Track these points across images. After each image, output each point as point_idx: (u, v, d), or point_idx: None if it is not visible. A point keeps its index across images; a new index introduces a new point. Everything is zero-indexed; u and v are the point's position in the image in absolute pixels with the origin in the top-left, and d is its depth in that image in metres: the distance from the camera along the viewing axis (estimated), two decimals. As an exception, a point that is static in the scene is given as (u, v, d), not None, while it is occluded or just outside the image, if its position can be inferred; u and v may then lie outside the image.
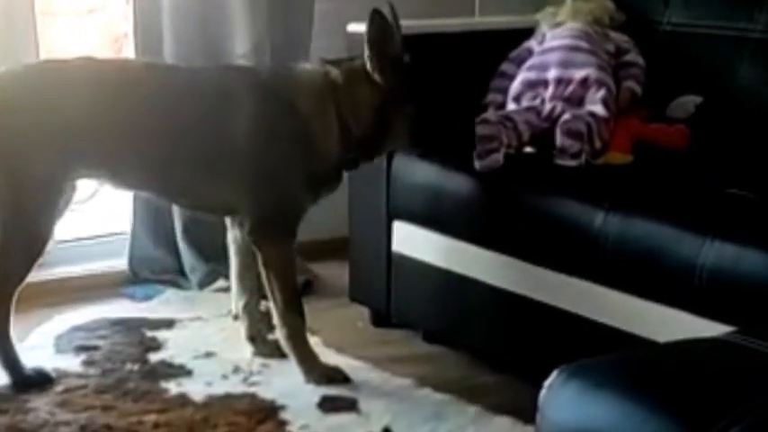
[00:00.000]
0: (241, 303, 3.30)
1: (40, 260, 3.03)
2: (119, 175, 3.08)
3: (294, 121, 3.01)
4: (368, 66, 3.01)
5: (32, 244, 2.99)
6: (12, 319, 3.02)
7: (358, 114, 3.05)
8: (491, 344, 3.19)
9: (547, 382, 1.76)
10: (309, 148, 3.03)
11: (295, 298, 3.11)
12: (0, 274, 2.99)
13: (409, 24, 3.17)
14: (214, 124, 2.99)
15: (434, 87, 3.07)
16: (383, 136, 3.09)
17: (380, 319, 3.61)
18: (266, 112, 3.00)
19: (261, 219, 3.05)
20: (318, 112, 3.03)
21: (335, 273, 3.90)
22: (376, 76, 3.01)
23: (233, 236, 3.27)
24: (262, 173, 3.01)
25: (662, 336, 2.52)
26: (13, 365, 3.05)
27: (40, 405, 2.94)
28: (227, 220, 3.26)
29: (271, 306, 3.12)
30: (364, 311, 3.67)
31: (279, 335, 3.15)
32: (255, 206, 3.04)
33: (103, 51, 4.55)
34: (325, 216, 3.23)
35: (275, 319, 3.13)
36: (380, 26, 2.97)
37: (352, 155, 3.10)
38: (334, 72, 3.06)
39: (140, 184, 3.16)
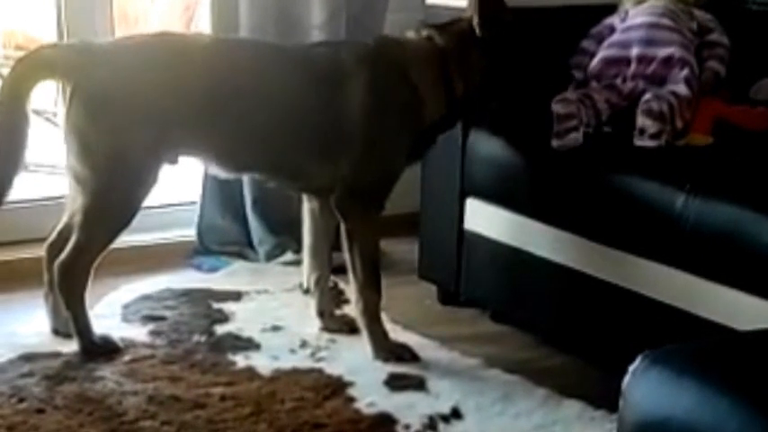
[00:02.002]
0: (313, 278, 3.29)
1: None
2: (224, 156, 3.04)
3: (406, 91, 3.02)
4: (476, 28, 3.02)
5: (122, 214, 2.98)
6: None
7: (468, 77, 3.05)
8: (561, 325, 3.15)
9: (631, 368, 1.74)
10: (417, 116, 3.03)
11: (375, 273, 3.09)
12: (84, 239, 2.97)
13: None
14: (331, 102, 2.97)
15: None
16: (487, 95, 3.10)
17: (448, 298, 3.58)
18: (381, 82, 3.00)
19: (355, 188, 3.03)
20: (429, 81, 3.04)
21: (404, 249, 3.88)
22: (479, 33, 3.02)
23: (309, 208, 3.25)
24: (370, 143, 2.99)
25: (740, 323, 2.48)
26: (85, 332, 3.05)
27: (108, 374, 2.94)
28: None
29: (350, 279, 3.10)
30: (432, 289, 3.64)
31: (354, 308, 3.13)
32: (353, 175, 3.01)
33: (174, 18, 4.54)
34: (394, 191, 3.19)
35: (352, 293, 3.11)
36: None
37: (451, 116, 3.11)
38: (438, 38, 3.06)
39: (248, 167, 3.12)
